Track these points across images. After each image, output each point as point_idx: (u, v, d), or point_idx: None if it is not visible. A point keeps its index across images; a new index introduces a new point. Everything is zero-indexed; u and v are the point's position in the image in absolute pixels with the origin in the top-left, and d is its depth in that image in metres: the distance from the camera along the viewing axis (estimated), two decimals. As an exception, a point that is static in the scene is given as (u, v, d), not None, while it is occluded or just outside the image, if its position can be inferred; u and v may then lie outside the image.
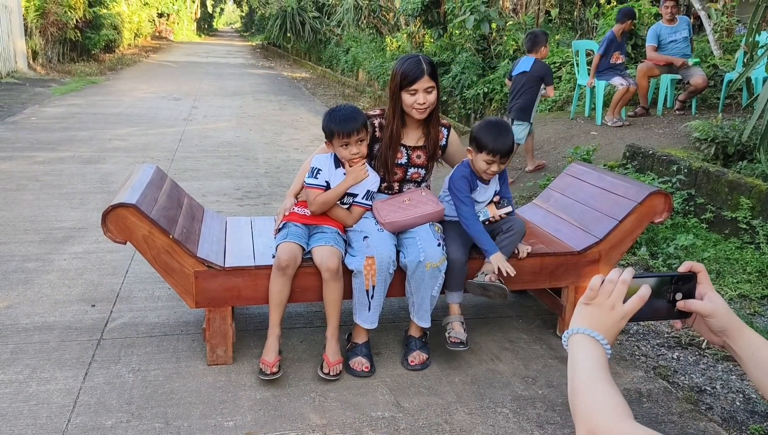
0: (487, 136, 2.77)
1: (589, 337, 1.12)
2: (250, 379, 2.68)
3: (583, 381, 1.06)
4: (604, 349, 1.12)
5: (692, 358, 3.00)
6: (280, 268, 2.66)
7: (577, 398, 1.05)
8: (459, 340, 2.79)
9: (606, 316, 1.14)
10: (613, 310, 1.14)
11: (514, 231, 2.87)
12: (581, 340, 1.13)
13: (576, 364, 1.10)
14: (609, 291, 1.15)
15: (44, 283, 3.55)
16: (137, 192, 2.68)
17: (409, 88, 2.74)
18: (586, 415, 1.01)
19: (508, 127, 2.86)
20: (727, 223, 4.25)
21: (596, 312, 1.15)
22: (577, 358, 1.11)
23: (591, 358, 1.09)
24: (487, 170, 2.83)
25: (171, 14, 36.25)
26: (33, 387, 2.56)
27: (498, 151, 2.77)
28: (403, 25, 14.50)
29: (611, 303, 1.14)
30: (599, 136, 6.74)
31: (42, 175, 5.85)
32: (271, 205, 5.27)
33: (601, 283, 1.16)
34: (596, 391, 1.03)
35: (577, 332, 1.14)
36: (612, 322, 1.14)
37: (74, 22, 15.53)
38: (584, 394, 1.04)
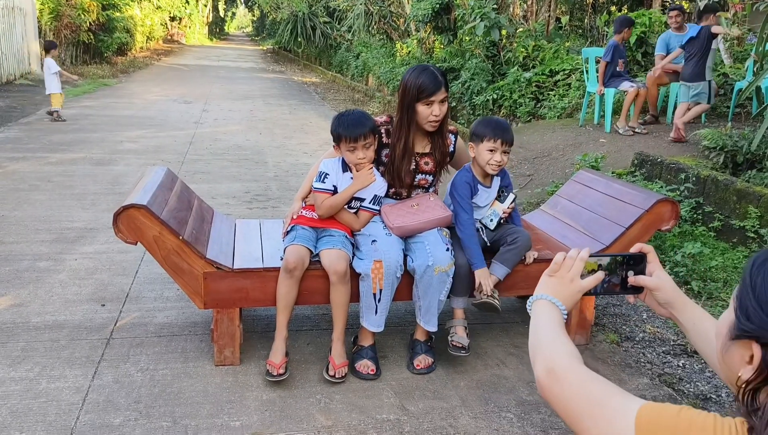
0: (486, 126, 2.86)
1: (550, 302, 1.31)
2: (257, 380, 2.71)
3: (545, 334, 1.22)
4: (561, 313, 1.30)
5: (698, 366, 3.00)
6: (288, 271, 2.68)
7: (539, 346, 1.20)
8: (461, 344, 2.81)
9: (565, 286, 1.33)
10: (572, 283, 1.33)
11: (518, 244, 2.87)
12: (544, 305, 1.31)
13: (539, 322, 1.27)
14: (569, 266, 1.34)
15: (55, 283, 3.59)
16: (148, 193, 2.71)
17: (426, 100, 2.75)
18: (547, 357, 1.15)
19: (505, 120, 2.92)
20: (735, 232, 4.25)
21: (557, 283, 1.34)
22: (540, 318, 1.28)
23: (552, 319, 1.27)
24: (491, 160, 2.84)
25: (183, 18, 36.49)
26: (43, 384, 2.60)
27: (499, 135, 2.81)
28: (414, 31, 14.54)
29: (570, 277, 1.33)
30: (608, 144, 6.74)
31: (54, 175, 5.92)
32: (280, 208, 5.31)
33: (563, 260, 1.34)
34: (556, 342, 1.19)
35: (540, 298, 1.32)
36: (569, 292, 1.33)
37: (87, 25, 15.71)
38: (545, 343, 1.20)
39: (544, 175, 6.39)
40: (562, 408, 1.10)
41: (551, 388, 1.11)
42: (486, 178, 2.97)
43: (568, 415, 1.08)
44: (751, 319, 0.94)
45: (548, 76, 9.61)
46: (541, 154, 6.98)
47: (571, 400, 1.07)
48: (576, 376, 1.10)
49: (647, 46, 8.90)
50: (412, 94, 2.79)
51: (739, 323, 0.96)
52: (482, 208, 2.98)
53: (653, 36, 8.91)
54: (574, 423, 1.07)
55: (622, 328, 3.37)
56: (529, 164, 6.81)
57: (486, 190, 2.97)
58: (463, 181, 2.92)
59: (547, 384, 1.12)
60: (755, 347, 0.93)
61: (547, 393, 1.12)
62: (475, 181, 2.94)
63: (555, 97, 9.23)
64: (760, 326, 0.92)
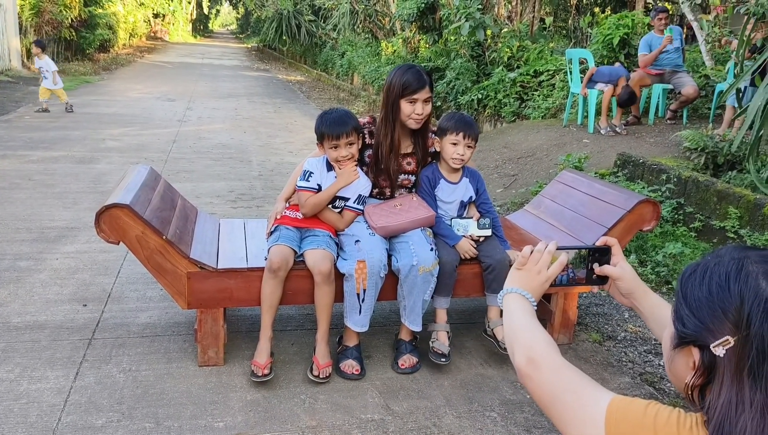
0: (449, 120, 2.94)
1: (520, 295, 1.37)
2: (241, 380, 2.70)
3: (522, 324, 1.28)
4: (531, 304, 1.36)
5: (679, 365, 3.04)
6: (272, 271, 2.68)
7: (517, 337, 1.25)
8: (441, 352, 2.83)
9: (533, 279, 1.38)
10: (539, 275, 1.38)
11: (495, 271, 2.86)
12: (514, 298, 1.36)
13: (513, 314, 1.33)
14: (536, 259, 1.39)
15: (36, 282, 3.55)
16: (131, 192, 2.69)
17: (410, 97, 2.77)
18: (527, 347, 1.20)
19: (470, 116, 2.98)
20: (716, 232, 4.30)
21: (526, 276, 1.39)
22: (513, 310, 1.34)
23: (525, 310, 1.33)
24: (454, 154, 2.90)
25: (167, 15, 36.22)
26: (24, 386, 2.57)
27: (461, 129, 2.88)
28: (399, 30, 14.55)
29: (538, 269, 1.38)
30: (591, 144, 6.80)
31: (35, 174, 5.85)
32: (265, 207, 5.29)
33: (530, 253, 1.40)
34: (533, 332, 1.25)
35: (510, 292, 1.38)
36: (537, 283, 1.38)
37: (69, 21, 15.53)
38: (524, 332, 1.25)
39: (528, 175, 6.42)
40: (539, 394, 1.16)
41: (531, 376, 1.17)
42: (451, 173, 2.99)
43: (543, 400, 1.15)
44: (686, 325, 1.03)
45: (533, 77, 9.66)
46: (525, 154, 7.02)
47: (548, 387, 1.13)
48: (553, 364, 1.16)
49: (630, 47, 8.97)
50: (396, 90, 2.81)
51: (677, 332, 1.05)
52: (448, 204, 2.99)
53: (636, 38, 8.99)
54: (549, 408, 1.13)
55: (604, 328, 3.40)
56: (514, 164, 6.84)
57: (450, 186, 2.99)
58: (424, 175, 3.00)
59: (527, 372, 1.18)
60: (695, 351, 1.01)
61: (527, 380, 1.18)
62: (438, 175, 2.99)
63: (539, 97, 9.29)
64: (694, 330, 1.01)
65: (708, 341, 0.98)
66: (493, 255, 2.89)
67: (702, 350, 1.00)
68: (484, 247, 2.92)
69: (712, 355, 0.97)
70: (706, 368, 0.99)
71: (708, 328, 0.99)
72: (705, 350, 0.99)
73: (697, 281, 1.04)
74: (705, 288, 1.02)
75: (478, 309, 3.51)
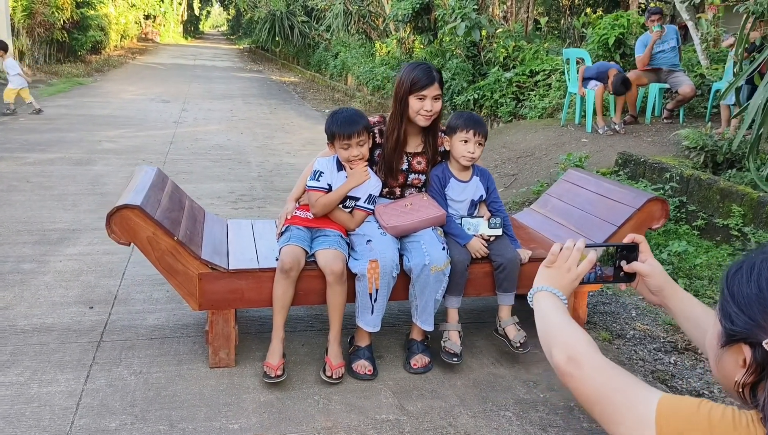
0: (458, 119, 2.95)
1: (551, 293, 1.36)
2: (253, 381, 2.68)
3: (557, 323, 1.27)
4: (563, 302, 1.35)
5: (689, 363, 3.05)
6: (284, 271, 2.66)
7: (554, 335, 1.24)
8: (453, 351, 2.83)
9: (563, 276, 1.39)
10: (569, 272, 1.39)
11: (506, 270, 2.87)
12: (545, 296, 1.37)
13: (547, 312, 1.32)
14: (566, 257, 1.40)
15: (41, 285, 3.52)
16: (141, 193, 2.67)
17: (419, 93, 2.77)
18: (567, 346, 1.19)
19: (478, 115, 2.97)
20: (719, 230, 4.32)
21: (556, 274, 1.40)
22: (546, 309, 1.33)
23: (558, 308, 1.32)
24: (464, 152, 2.90)
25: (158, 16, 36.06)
26: (34, 389, 2.54)
27: (471, 126, 2.88)
28: (393, 31, 14.54)
29: (567, 266, 1.39)
30: (590, 144, 6.82)
31: (33, 176, 5.80)
32: (266, 208, 5.27)
33: (559, 251, 1.40)
34: (571, 330, 1.24)
35: (541, 290, 1.38)
36: (567, 281, 1.39)
37: (61, 23, 15.42)
38: (561, 331, 1.24)
39: (528, 174, 6.43)
40: (581, 393, 1.15)
41: (572, 374, 1.16)
42: (461, 172, 2.99)
43: (587, 399, 1.13)
44: (735, 323, 1.02)
45: (528, 77, 9.68)
46: (524, 153, 7.03)
47: (592, 386, 1.12)
48: (596, 364, 1.15)
49: (625, 47, 9.01)
50: (406, 86, 2.81)
51: (726, 330, 1.04)
52: (459, 203, 2.99)
53: (631, 37, 9.03)
54: (593, 407, 1.12)
55: (612, 326, 3.40)
56: (513, 164, 6.85)
57: (460, 185, 2.98)
58: (434, 174, 3.00)
59: (568, 371, 1.17)
60: (745, 349, 1.00)
61: (568, 379, 1.17)
62: (448, 174, 2.98)
63: (536, 97, 9.31)
64: (744, 328, 1.00)
65: (759, 338, 0.98)
66: (505, 254, 2.88)
67: (753, 347, 0.99)
68: (494, 246, 2.92)
69: (765, 352, 0.97)
70: (759, 365, 0.98)
71: (759, 325, 0.98)
72: (757, 347, 0.98)
73: (744, 278, 1.03)
74: (754, 284, 1.01)
75: (486, 308, 3.51)
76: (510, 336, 2.89)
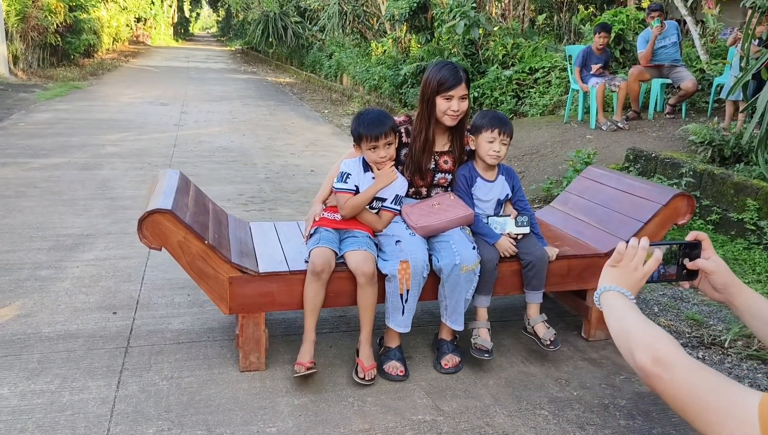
0: (484, 117, 2.94)
1: (619, 292, 1.35)
2: (285, 384, 2.67)
3: (636, 323, 1.25)
4: (633, 302, 1.34)
5: (717, 357, 3.06)
6: (315, 273, 2.65)
7: (633, 336, 1.22)
8: (485, 348, 2.82)
9: (630, 275, 1.38)
10: (636, 271, 1.38)
11: (535, 268, 2.87)
12: (614, 295, 1.35)
13: (621, 312, 1.30)
14: (632, 255, 1.39)
15: (60, 291, 3.49)
16: (170, 197, 2.65)
17: (446, 94, 2.76)
18: (651, 347, 1.17)
19: (500, 112, 2.98)
20: (733, 225, 4.33)
21: (622, 273, 1.39)
22: (618, 308, 1.32)
23: (632, 307, 1.31)
24: (490, 151, 2.90)
25: (148, 19, 35.88)
26: (66, 397, 2.52)
27: (496, 126, 2.88)
28: (388, 30, 14.53)
29: (634, 265, 1.38)
30: (595, 140, 6.83)
31: (40, 181, 5.76)
32: (277, 210, 5.25)
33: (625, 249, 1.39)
34: (652, 330, 1.21)
35: (608, 289, 1.37)
36: (635, 280, 1.38)
37: (55, 27, 15.31)
38: (641, 332, 1.22)
39: (535, 172, 6.44)
40: (673, 396, 1.12)
41: (660, 377, 1.13)
42: (487, 171, 2.99)
43: (679, 401, 1.11)
44: None
45: (528, 74, 9.69)
46: (529, 151, 7.04)
47: (685, 388, 1.10)
48: (686, 364, 1.13)
49: (625, 43, 9.05)
50: (433, 87, 2.80)
51: None
52: (486, 202, 2.99)
53: (630, 33, 9.07)
54: (686, 408, 1.10)
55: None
56: (519, 161, 6.86)
57: (487, 184, 2.98)
58: (460, 174, 2.99)
59: (655, 372, 1.14)
60: None
61: (655, 380, 1.14)
62: (474, 174, 2.98)
63: (536, 94, 9.33)
64: None
65: None
66: (533, 252, 2.88)
67: None
68: (522, 244, 2.91)
69: None
70: None
71: None
72: None
73: None
74: None
75: (510, 307, 3.51)
76: (539, 334, 2.89)
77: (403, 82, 11.80)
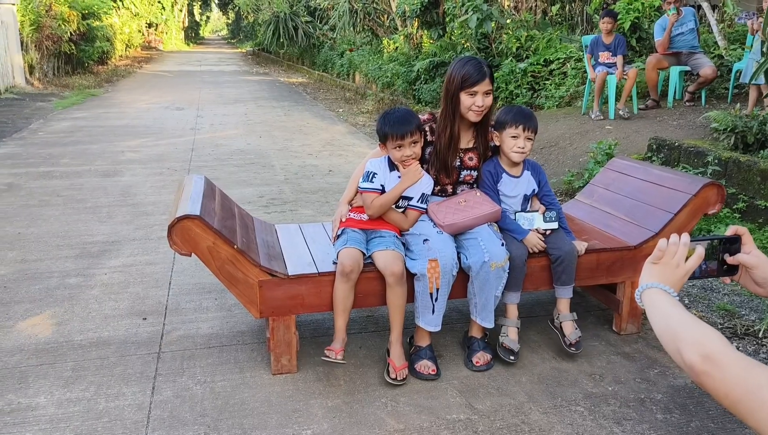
0: (508, 113, 2.91)
1: (662, 290, 1.32)
2: (318, 386, 2.67)
3: (681, 320, 1.22)
4: (676, 299, 1.31)
5: (751, 348, 3.02)
6: (344, 274, 2.65)
7: (679, 333, 1.20)
8: (511, 349, 2.81)
9: (672, 272, 1.35)
10: (678, 268, 1.35)
11: (564, 263, 2.85)
12: (657, 292, 1.32)
13: (666, 310, 1.27)
14: (673, 252, 1.36)
15: (90, 298, 3.52)
16: (197, 203, 2.66)
17: (470, 89, 2.74)
18: (699, 344, 1.15)
19: (524, 107, 2.96)
20: (761, 212, 4.27)
21: (664, 270, 1.36)
22: (662, 306, 1.29)
23: (676, 304, 1.28)
24: (514, 147, 2.88)
25: (160, 24, 36.11)
26: (102, 404, 2.54)
27: (520, 121, 2.86)
28: (400, 27, 14.49)
29: (676, 262, 1.36)
30: (615, 130, 6.76)
31: (63, 190, 5.81)
32: (298, 211, 5.26)
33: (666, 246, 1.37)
34: (699, 327, 1.19)
35: (650, 287, 1.34)
36: (677, 277, 1.35)
37: (68, 35, 15.45)
38: (688, 329, 1.20)
39: (555, 164, 6.39)
40: (724, 393, 1.10)
41: (710, 374, 1.12)
42: (513, 167, 2.97)
43: (733, 399, 1.09)
44: None
45: (543, 66, 9.62)
46: (548, 143, 6.99)
47: (736, 385, 1.08)
48: (738, 360, 1.11)
49: (641, 31, 8.95)
50: (457, 83, 2.78)
51: None
52: (512, 198, 2.97)
53: (646, 21, 8.97)
54: (738, 405, 1.08)
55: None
56: (538, 154, 6.81)
57: (512, 180, 2.96)
58: (486, 170, 2.97)
59: (705, 370, 1.13)
60: None
61: (705, 378, 1.13)
62: (500, 170, 2.96)
63: (551, 86, 9.26)
64: None
65: None
66: (562, 247, 2.86)
67: None
68: (551, 239, 2.89)
69: None
70: None
71: None
72: None
73: None
74: None
75: (538, 302, 3.49)
76: (566, 332, 2.87)
77: (416, 79, 11.77)
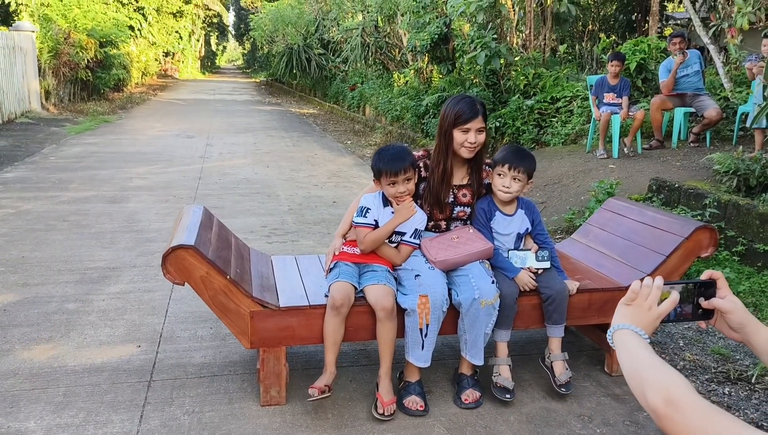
0: (501, 153, 2.98)
1: (632, 331, 1.33)
2: (305, 420, 2.68)
3: (648, 363, 1.22)
4: (647, 342, 1.31)
5: (744, 393, 3.00)
6: (335, 308, 2.67)
7: (645, 376, 1.20)
8: (505, 387, 2.81)
9: (645, 314, 1.35)
10: (650, 311, 1.35)
11: (555, 302, 2.86)
12: (628, 334, 1.33)
13: (634, 352, 1.28)
14: (646, 294, 1.36)
15: (86, 324, 3.55)
16: (193, 233, 2.71)
17: (463, 126, 2.79)
18: (661, 387, 1.15)
19: (524, 148, 3.00)
20: (760, 256, 4.27)
21: (636, 311, 1.36)
22: (632, 347, 1.29)
23: (645, 347, 1.28)
24: (500, 186, 2.92)
25: (176, 53, 36.75)
26: (90, 431, 2.56)
27: (507, 161, 2.90)
28: (410, 61, 14.69)
29: (648, 304, 1.35)
30: (618, 170, 6.79)
31: (69, 214, 5.89)
32: (300, 242, 5.30)
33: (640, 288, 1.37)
34: (665, 370, 1.19)
35: (622, 328, 1.34)
36: (649, 320, 1.35)
37: (86, 62, 15.77)
38: (654, 372, 1.20)
39: (557, 202, 6.42)
40: None
41: (671, 418, 1.13)
42: (506, 205, 3.01)
43: None
44: None
45: (550, 103, 9.72)
46: (551, 181, 7.03)
47: (697, 429, 1.09)
48: (698, 406, 1.12)
49: (647, 72, 9.04)
50: (450, 120, 2.84)
51: None
52: (505, 236, 3.00)
53: (652, 62, 9.06)
54: None
55: (661, 357, 3.35)
56: (541, 191, 6.85)
57: (506, 218, 2.99)
58: (479, 208, 3.01)
59: (667, 414, 1.14)
60: None
61: (667, 422, 1.13)
62: (493, 207, 3.00)
63: (558, 123, 9.33)
64: None
65: None
66: (553, 286, 2.87)
67: None
68: (543, 278, 2.91)
69: None
70: None
71: None
72: None
73: None
74: None
75: (530, 340, 3.49)
76: (556, 372, 2.87)
77: (425, 113, 11.90)
